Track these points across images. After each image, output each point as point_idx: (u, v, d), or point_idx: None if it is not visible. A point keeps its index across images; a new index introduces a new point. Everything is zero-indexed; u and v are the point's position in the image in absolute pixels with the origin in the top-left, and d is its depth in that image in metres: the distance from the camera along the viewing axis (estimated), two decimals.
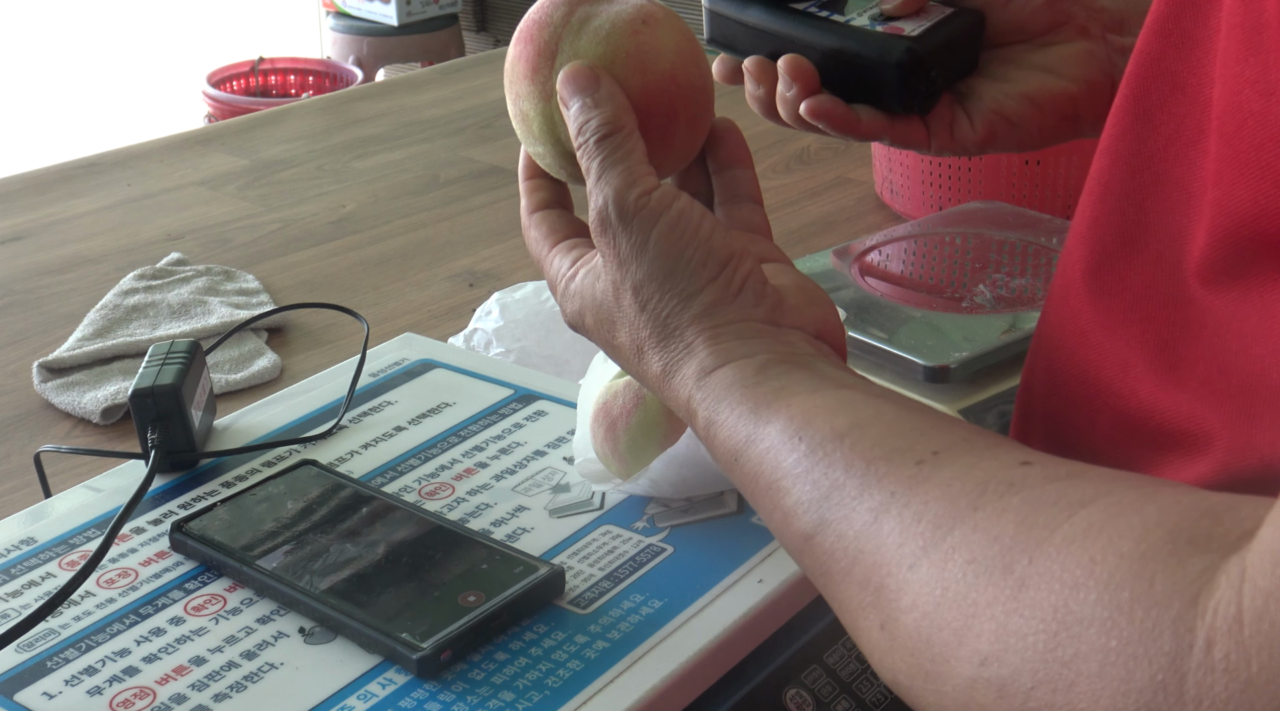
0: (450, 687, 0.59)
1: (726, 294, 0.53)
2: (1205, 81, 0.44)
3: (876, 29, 0.65)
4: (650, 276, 0.53)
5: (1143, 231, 0.47)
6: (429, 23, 3.50)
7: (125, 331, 1.12)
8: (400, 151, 1.55)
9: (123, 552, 0.69)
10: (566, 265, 0.58)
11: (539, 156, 0.61)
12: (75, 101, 3.67)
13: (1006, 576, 0.39)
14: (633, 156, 0.54)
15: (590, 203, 0.55)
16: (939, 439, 0.45)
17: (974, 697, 0.40)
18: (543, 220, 0.61)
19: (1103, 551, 0.38)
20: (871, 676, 0.67)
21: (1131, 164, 0.48)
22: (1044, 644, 0.38)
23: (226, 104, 3.00)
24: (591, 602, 0.64)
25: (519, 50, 0.58)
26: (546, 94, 0.57)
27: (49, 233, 1.36)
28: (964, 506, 0.42)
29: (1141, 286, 0.47)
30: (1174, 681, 0.35)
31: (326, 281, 1.24)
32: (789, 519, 0.47)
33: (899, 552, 0.43)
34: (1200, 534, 0.37)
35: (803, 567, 0.48)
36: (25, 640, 0.63)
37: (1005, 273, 1.08)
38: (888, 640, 0.44)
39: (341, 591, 0.63)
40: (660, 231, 0.53)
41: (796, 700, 0.64)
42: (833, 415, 0.47)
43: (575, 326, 0.59)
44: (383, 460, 0.76)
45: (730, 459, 0.51)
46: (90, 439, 0.98)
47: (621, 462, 0.69)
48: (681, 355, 0.53)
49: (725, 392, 0.51)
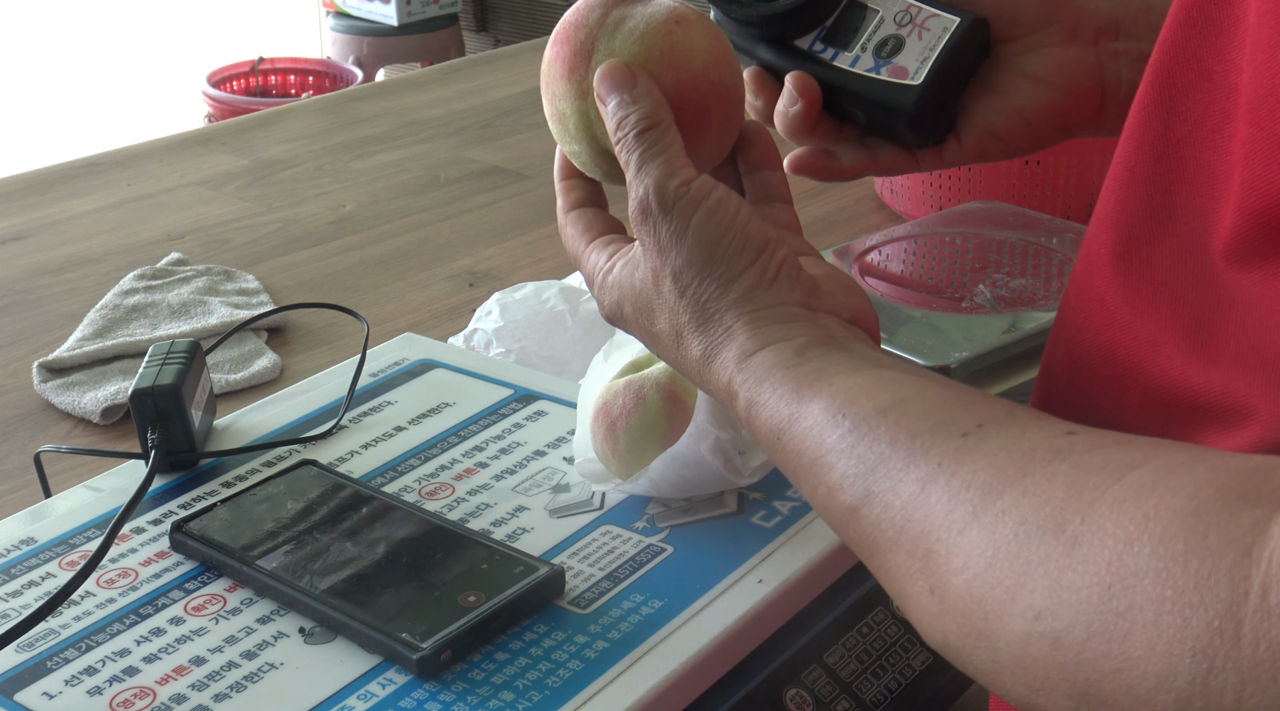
0: (450, 687, 0.59)
1: (764, 279, 0.54)
2: (1232, 68, 0.45)
3: (881, 74, 0.65)
4: (690, 262, 0.54)
5: (1170, 214, 0.48)
6: (429, 23, 3.50)
7: (125, 331, 1.12)
8: (400, 151, 1.55)
9: (123, 552, 0.69)
10: (604, 259, 0.59)
11: (574, 155, 0.61)
12: (75, 101, 3.67)
13: (1059, 535, 0.41)
14: (671, 148, 0.56)
15: (630, 193, 0.56)
16: (983, 413, 0.46)
17: (1029, 651, 0.41)
18: (579, 218, 0.62)
19: (1155, 508, 0.39)
20: (871, 676, 0.67)
21: (1157, 150, 0.48)
22: (1098, 596, 0.39)
23: (226, 104, 3.00)
24: (591, 602, 0.64)
25: (555, 51, 0.60)
26: (583, 92, 0.58)
27: (49, 233, 1.36)
28: (1012, 473, 0.43)
29: (1170, 267, 0.48)
30: (1230, 627, 0.36)
31: (326, 281, 1.24)
32: (833, 493, 0.48)
33: (948, 518, 0.44)
34: (1251, 489, 0.38)
35: (847, 541, 0.49)
36: (25, 640, 0.63)
37: (1005, 273, 1.08)
38: (938, 603, 0.44)
39: (341, 591, 0.63)
40: (699, 219, 0.55)
41: (796, 700, 0.64)
42: (875, 393, 0.49)
43: (613, 319, 0.60)
44: (383, 460, 0.76)
45: (773, 438, 0.51)
46: (90, 439, 0.98)
47: (621, 462, 0.69)
48: (722, 339, 0.54)
49: (766, 374, 0.52)
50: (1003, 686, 0.43)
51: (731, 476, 0.67)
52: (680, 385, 0.69)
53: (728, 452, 0.67)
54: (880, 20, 0.65)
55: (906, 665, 0.68)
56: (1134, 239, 0.49)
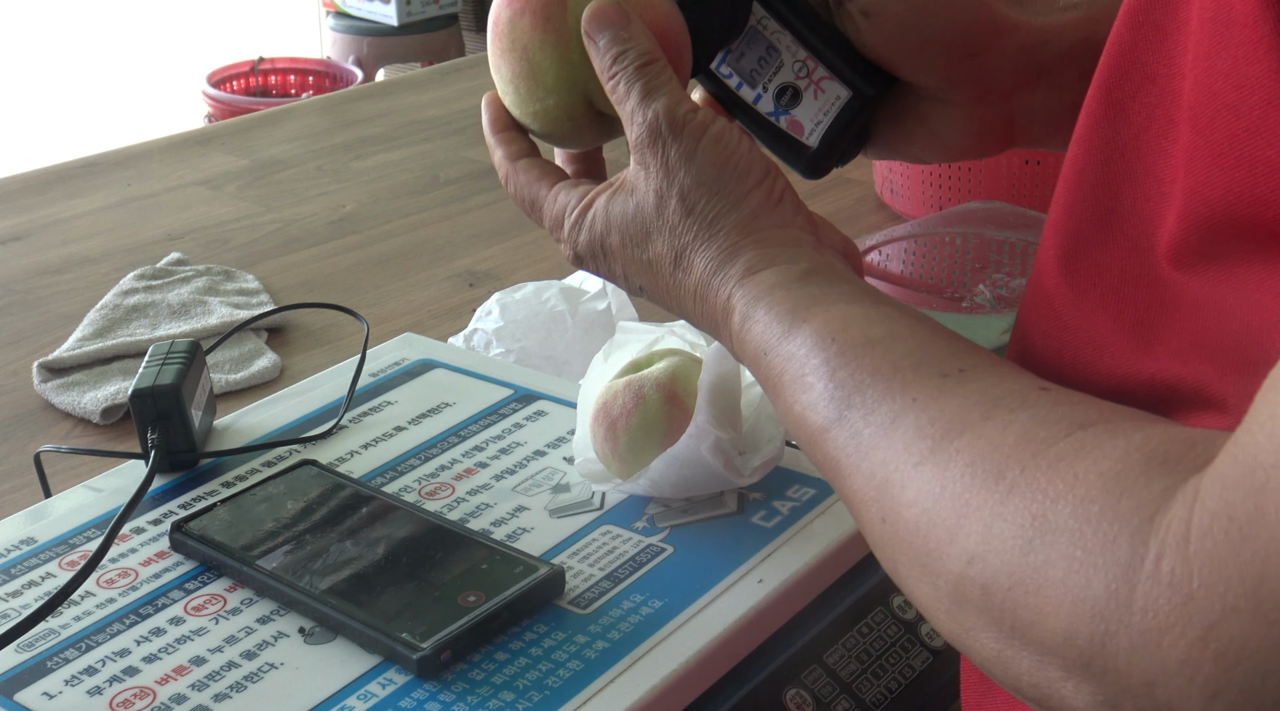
0: (450, 687, 0.59)
1: (770, 200, 0.56)
2: (1175, 73, 0.45)
3: (780, 123, 0.65)
4: (699, 182, 0.56)
5: (1116, 217, 0.48)
6: (429, 23, 3.50)
7: (125, 331, 1.12)
8: (400, 151, 1.55)
9: (123, 552, 0.69)
10: (575, 198, 0.60)
11: (541, 112, 0.60)
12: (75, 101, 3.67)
13: (999, 482, 0.42)
14: (674, 81, 0.57)
15: (634, 121, 0.57)
16: (968, 359, 0.48)
17: (963, 592, 0.42)
18: (531, 166, 0.62)
19: (1086, 469, 0.40)
20: (871, 676, 0.67)
21: (1105, 154, 0.49)
22: (1020, 548, 0.40)
23: (226, 104, 3.00)
24: (591, 602, 0.64)
25: (520, 5, 0.59)
26: (564, 39, 0.59)
27: (49, 233, 1.36)
28: (976, 416, 0.45)
29: (1117, 270, 0.48)
30: (1125, 591, 0.37)
31: (326, 281, 1.24)
32: (807, 412, 0.50)
33: (908, 451, 0.45)
34: (1173, 457, 0.39)
35: (813, 460, 0.51)
36: (25, 640, 0.63)
37: (1005, 273, 1.08)
38: (889, 532, 0.46)
39: (341, 591, 0.63)
40: (708, 140, 0.56)
41: (796, 700, 0.64)
42: (868, 324, 0.50)
43: (590, 255, 0.60)
44: (383, 460, 0.76)
45: (758, 354, 0.53)
46: (90, 439, 0.98)
47: (621, 462, 0.69)
48: (727, 255, 0.55)
49: (767, 292, 0.53)
50: (939, 623, 0.45)
51: (731, 476, 0.67)
52: (680, 385, 0.69)
53: (728, 452, 0.67)
54: (781, 65, 0.65)
55: (906, 665, 0.68)
56: (1082, 242, 0.49)
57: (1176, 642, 0.36)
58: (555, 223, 0.61)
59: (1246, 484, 0.35)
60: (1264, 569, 0.35)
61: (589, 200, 0.59)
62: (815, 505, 0.70)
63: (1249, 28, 0.40)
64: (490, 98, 0.63)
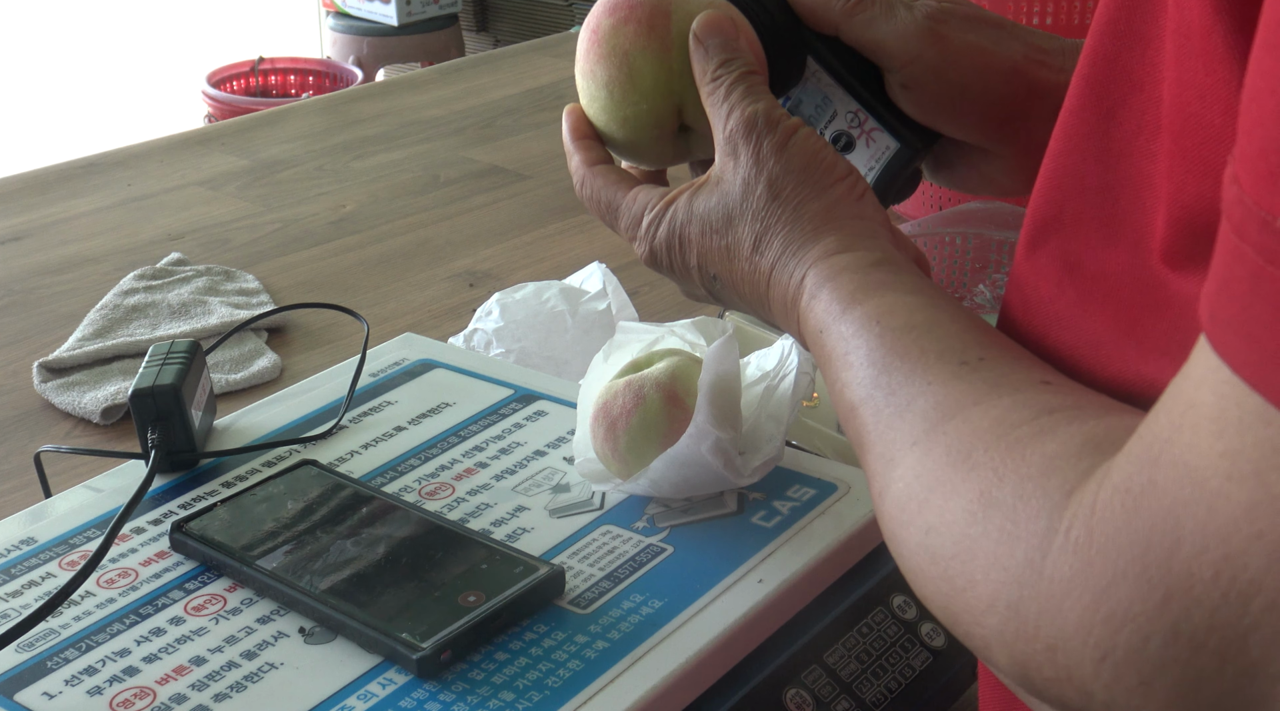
0: (450, 687, 0.59)
1: (853, 193, 0.59)
2: (1158, 79, 0.46)
3: None
4: (788, 170, 0.59)
5: (1120, 222, 0.49)
6: (429, 23, 3.50)
7: (125, 331, 1.12)
8: (400, 151, 1.55)
9: (123, 552, 0.69)
10: (655, 197, 0.62)
11: (629, 118, 0.63)
12: (75, 101, 3.67)
13: (965, 461, 0.45)
14: (770, 93, 0.61)
15: (731, 116, 0.60)
16: (991, 348, 0.50)
17: (917, 561, 0.46)
18: (609, 171, 0.65)
19: (1034, 451, 0.43)
20: (871, 676, 0.67)
21: (1102, 161, 0.50)
22: (965, 520, 0.43)
23: (226, 104, 3.00)
24: (591, 602, 0.64)
25: (624, 14, 0.63)
26: (667, 46, 0.62)
27: (49, 233, 1.36)
28: (969, 402, 0.47)
29: (1118, 273, 0.49)
30: (1039, 558, 0.40)
31: (326, 281, 1.24)
32: (844, 389, 0.52)
33: (909, 432, 0.48)
34: (1109, 441, 0.41)
35: (846, 434, 0.53)
36: (25, 640, 0.63)
37: (1005, 273, 1.08)
38: (881, 506, 0.49)
39: (341, 591, 0.63)
40: (800, 137, 0.59)
41: (796, 700, 0.64)
42: (912, 311, 0.52)
43: (664, 250, 0.62)
44: (383, 460, 0.76)
45: (816, 332, 0.55)
46: (90, 439, 0.98)
47: (621, 462, 0.69)
48: (807, 238, 0.57)
49: (836, 274, 0.55)
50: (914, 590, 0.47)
51: (731, 476, 0.67)
52: (680, 385, 0.69)
53: (728, 452, 0.67)
54: (834, 114, 0.67)
55: (906, 665, 0.68)
56: (1088, 247, 0.50)
57: (1074, 606, 0.38)
58: (633, 221, 0.63)
59: (1144, 458, 0.37)
60: (1149, 536, 0.36)
61: (671, 197, 0.62)
62: (815, 505, 0.70)
63: (1203, 38, 0.41)
64: (571, 108, 0.66)
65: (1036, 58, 0.65)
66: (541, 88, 1.75)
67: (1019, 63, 0.64)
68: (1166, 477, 0.36)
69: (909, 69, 0.64)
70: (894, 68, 0.65)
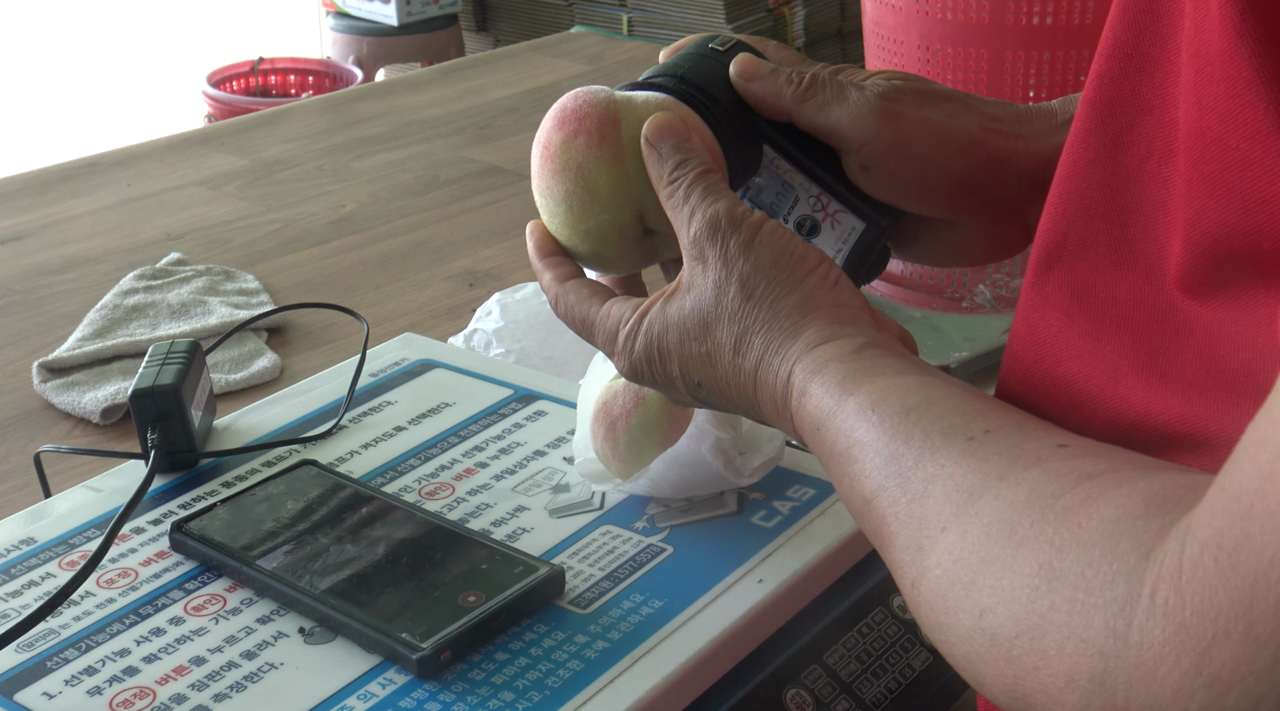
0: (450, 687, 0.59)
1: (827, 281, 0.57)
2: (1171, 103, 0.46)
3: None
4: (758, 268, 0.57)
5: (1130, 248, 0.48)
6: (429, 23, 3.50)
7: (125, 331, 1.12)
8: (400, 151, 1.55)
9: (123, 552, 0.69)
10: (628, 310, 0.60)
11: (590, 230, 0.62)
12: (75, 101, 3.67)
13: (1011, 538, 0.43)
14: (729, 191, 0.59)
15: (694, 219, 0.58)
16: (994, 419, 0.48)
17: (973, 646, 0.44)
18: (580, 286, 0.62)
19: (1090, 516, 0.41)
20: (871, 676, 0.67)
21: (1110, 186, 0.49)
22: (1027, 596, 0.41)
23: (226, 104, 3.00)
24: (591, 602, 0.64)
25: (573, 128, 0.61)
26: (619, 154, 0.61)
27: (49, 233, 1.36)
28: (993, 478, 0.46)
29: (1131, 300, 0.48)
30: (1123, 626, 0.38)
31: (326, 281, 1.24)
32: (854, 484, 0.51)
33: (937, 517, 0.46)
34: (1172, 499, 0.40)
35: (863, 529, 0.52)
36: (25, 640, 0.63)
37: (1005, 272, 1.08)
38: (917, 596, 0.47)
39: (341, 591, 0.63)
40: (765, 233, 0.57)
41: (796, 700, 0.64)
42: (906, 394, 0.51)
43: (644, 362, 0.60)
44: (383, 460, 0.76)
45: (813, 429, 0.54)
46: (90, 439, 0.98)
47: (621, 462, 0.69)
48: (787, 335, 0.56)
49: (823, 366, 0.54)
50: (964, 676, 0.45)
51: (731, 476, 0.67)
52: None
53: (728, 452, 0.67)
54: (797, 200, 0.66)
55: (906, 665, 0.68)
56: (1098, 273, 0.50)
57: (1171, 672, 0.37)
58: (609, 336, 0.61)
59: (1233, 510, 0.36)
60: (1252, 593, 0.35)
61: (644, 309, 0.60)
62: (815, 505, 0.70)
63: (1225, 62, 0.41)
64: (534, 225, 0.64)
65: (992, 127, 0.63)
66: (541, 88, 1.75)
67: (975, 134, 0.63)
68: (1263, 529, 0.35)
69: (866, 149, 0.63)
70: (851, 149, 0.63)
